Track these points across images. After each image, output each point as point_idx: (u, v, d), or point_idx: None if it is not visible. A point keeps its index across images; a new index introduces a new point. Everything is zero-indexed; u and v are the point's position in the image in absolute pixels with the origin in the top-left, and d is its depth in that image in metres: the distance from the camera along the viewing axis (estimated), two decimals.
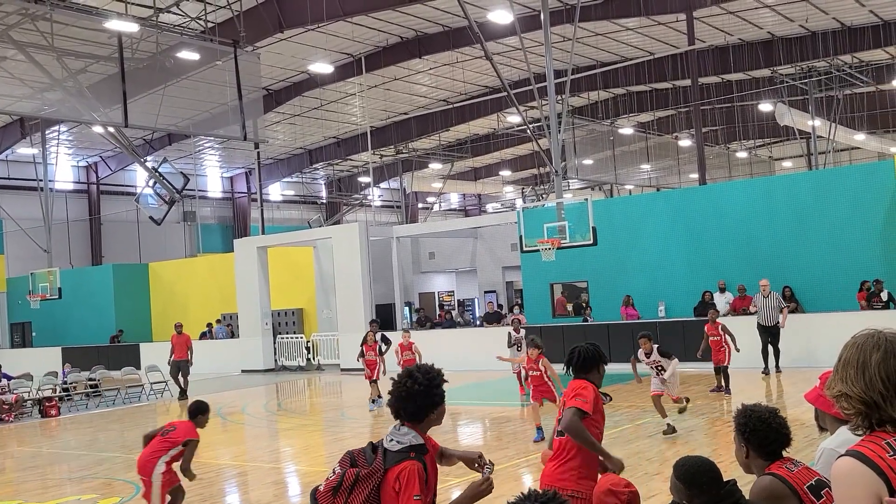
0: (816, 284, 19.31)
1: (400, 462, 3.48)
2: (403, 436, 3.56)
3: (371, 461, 3.49)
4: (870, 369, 2.28)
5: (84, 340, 31.68)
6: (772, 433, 3.39)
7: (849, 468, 2.21)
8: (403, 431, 3.58)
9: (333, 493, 3.43)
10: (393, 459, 3.49)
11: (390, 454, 3.51)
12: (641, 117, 39.14)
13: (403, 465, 3.47)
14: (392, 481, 3.45)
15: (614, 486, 3.55)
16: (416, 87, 34.67)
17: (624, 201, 26.42)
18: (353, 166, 46.47)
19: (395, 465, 3.48)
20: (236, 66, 20.37)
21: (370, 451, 3.54)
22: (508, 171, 49.38)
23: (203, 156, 41.87)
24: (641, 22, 28.02)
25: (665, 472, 7.48)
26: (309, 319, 29.77)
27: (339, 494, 3.43)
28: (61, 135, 34.49)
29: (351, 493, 3.43)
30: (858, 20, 28.39)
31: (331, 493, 3.44)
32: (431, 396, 3.61)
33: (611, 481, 3.57)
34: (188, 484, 8.01)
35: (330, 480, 3.47)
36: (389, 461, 3.49)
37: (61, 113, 24.48)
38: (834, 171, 25.85)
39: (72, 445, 15.13)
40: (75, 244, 38.31)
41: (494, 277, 32.29)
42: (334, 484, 3.44)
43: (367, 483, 3.44)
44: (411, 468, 3.47)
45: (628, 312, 21.25)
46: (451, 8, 25.00)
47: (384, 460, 3.50)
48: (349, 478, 3.44)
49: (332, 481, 3.46)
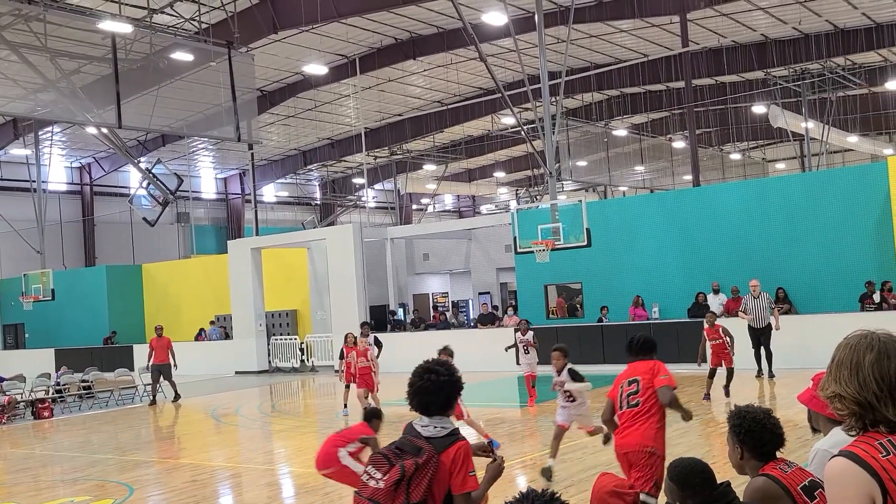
0: (810, 286, 19.37)
1: (452, 444, 3.61)
2: (442, 421, 3.68)
3: (420, 451, 3.55)
4: (864, 370, 2.29)
5: (77, 342, 31.59)
6: (766, 434, 3.40)
7: (842, 469, 2.21)
8: (438, 419, 3.68)
9: (395, 486, 3.49)
10: (442, 444, 3.60)
11: (438, 440, 3.61)
12: (635, 119, 39.18)
13: (458, 446, 3.60)
14: (448, 464, 3.56)
15: (618, 487, 3.58)
16: (410, 88, 34.66)
17: (618, 203, 26.46)
18: (347, 167, 46.44)
19: (447, 448, 3.59)
20: (230, 67, 20.35)
21: (410, 445, 3.59)
22: (503, 172, 49.41)
23: (197, 157, 41.79)
24: (635, 24, 28.07)
25: None
26: (303, 321, 29.74)
27: (401, 487, 3.49)
28: (54, 136, 34.38)
29: (410, 483, 3.49)
30: (851, 22, 28.48)
31: (392, 487, 3.48)
32: (456, 384, 3.75)
33: (615, 483, 3.59)
34: (183, 486, 7.99)
35: (388, 477, 3.49)
36: (440, 446, 3.59)
37: (55, 114, 24.38)
38: (827, 172, 25.95)
39: (65, 447, 15.08)
40: (68, 245, 38.19)
41: (489, 279, 32.32)
42: (396, 477, 3.48)
43: (427, 470, 3.52)
44: (466, 448, 3.63)
45: (637, 313, 21.18)
46: (446, 9, 25.01)
47: (434, 447, 3.59)
48: (409, 468, 3.49)
49: (390, 477, 3.48)
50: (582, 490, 8.35)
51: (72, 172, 40.44)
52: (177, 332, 30.88)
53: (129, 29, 19.68)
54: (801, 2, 25.98)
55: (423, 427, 3.67)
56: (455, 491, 3.57)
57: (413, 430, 3.69)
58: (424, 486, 3.50)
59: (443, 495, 3.57)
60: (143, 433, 16.71)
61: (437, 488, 3.55)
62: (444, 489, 3.57)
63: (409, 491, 3.48)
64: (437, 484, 3.55)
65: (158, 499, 10.26)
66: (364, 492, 3.54)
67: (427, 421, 3.68)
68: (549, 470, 9.23)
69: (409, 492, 3.47)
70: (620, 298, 21.69)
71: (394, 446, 3.65)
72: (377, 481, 3.51)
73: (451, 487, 3.57)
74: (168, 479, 11.18)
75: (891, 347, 2.31)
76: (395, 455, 3.57)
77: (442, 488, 3.57)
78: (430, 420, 3.68)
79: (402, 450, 3.59)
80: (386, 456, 3.59)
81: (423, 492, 3.49)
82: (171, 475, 11.49)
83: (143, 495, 10.28)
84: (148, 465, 12.54)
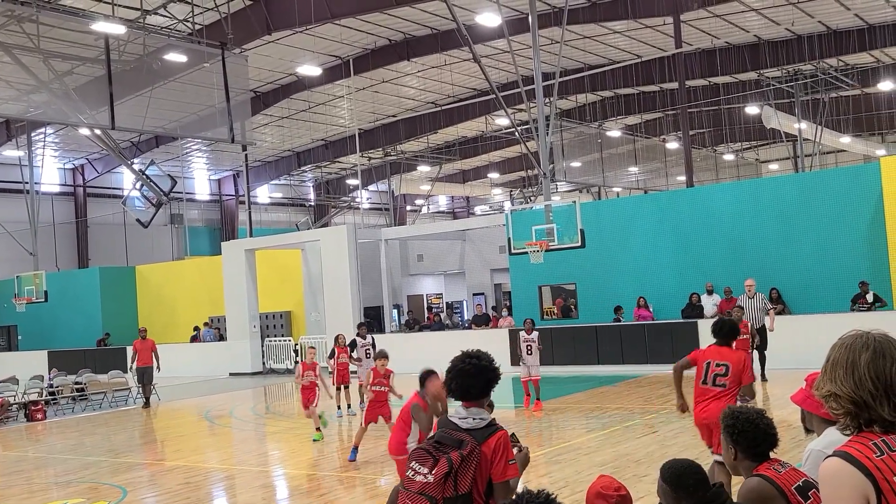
0: (803, 286, 19.42)
1: (493, 434, 3.74)
2: (481, 413, 3.80)
3: (462, 443, 3.66)
4: (859, 369, 2.30)
5: (70, 344, 31.49)
6: (760, 434, 3.40)
7: (836, 469, 2.22)
8: (476, 411, 3.80)
9: (445, 478, 3.59)
10: (483, 435, 3.73)
11: (478, 431, 3.73)
12: (629, 120, 39.25)
13: (498, 436, 3.74)
14: (489, 454, 3.69)
15: (605, 488, 3.56)
16: (404, 89, 34.66)
17: (612, 204, 26.49)
18: (341, 168, 46.40)
19: (487, 439, 3.72)
20: (224, 68, 20.31)
21: (450, 438, 3.71)
22: (497, 173, 49.43)
23: (190, 158, 41.71)
24: (629, 25, 28.12)
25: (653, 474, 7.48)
26: (297, 322, 29.70)
27: (449, 479, 3.60)
28: (47, 137, 34.29)
29: (457, 475, 3.61)
30: (844, 24, 28.58)
31: (442, 480, 3.59)
32: (495, 371, 3.90)
33: (601, 484, 3.57)
34: (177, 488, 7.97)
35: (436, 471, 3.60)
36: (480, 437, 3.71)
37: (47, 115, 24.32)
38: (820, 173, 26.03)
39: (58, 449, 15.03)
40: (61, 247, 38.09)
41: (483, 280, 32.31)
42: (445, 470, 3.59)
43: (471, 461, 3.64)
44: (505, 437, 3.77)
45: (641, 314, 21.11)
46: (440, 10, 25.02)
47: (475, 438, 3.70)
48: (456, 460, 3.61)
49: (439, 470, 3.59)
50: (576, 491, 8.36)
51: (65, 174, 40.32)
52: (171, 333, 30.86)
53: (123, 30, 19.63)
54: (794, 3, 26.07)
55: (461, 419, 3.78)
56: (496, 479, 3.70)
57: (451, 423, 3.80)
58: (470, 477, 3.63)
59: (485, 484, 3.71)
60: (136, 435, 16.68)
61: (480, 478, 3.68)
62: (486, 478, 3.71)
63: (456, 482, 3.60)
64: (479, 473, 3.68)
65: (152, 501, 10.24)
66: (412, 486, 3.63)
67: (465, 413, 3.80)
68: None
69: (457, 483, 3.60)
70: (615, 299, 21.70)
71: (433, 440, 3.76)
72: (425, 476, 3.62)
73: (491, 475, 3.70)
74: (162, 482, 11.15)
75: (886, 347, 2.32)
76: (436, 449, 3.67)
77: (484, 477, 3.70)
78: (467, 412, 3.79)
79: (442, 443, 3.70)
80: (427, 451, 3.69)
81: (469, 482, 3.62)
82: (164, 477, 11.46)
83: (137, 497, 10.25)
84: (141, 468, 12.51)
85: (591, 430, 12.90)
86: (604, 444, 11.57)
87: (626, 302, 21.51)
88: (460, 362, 3.89)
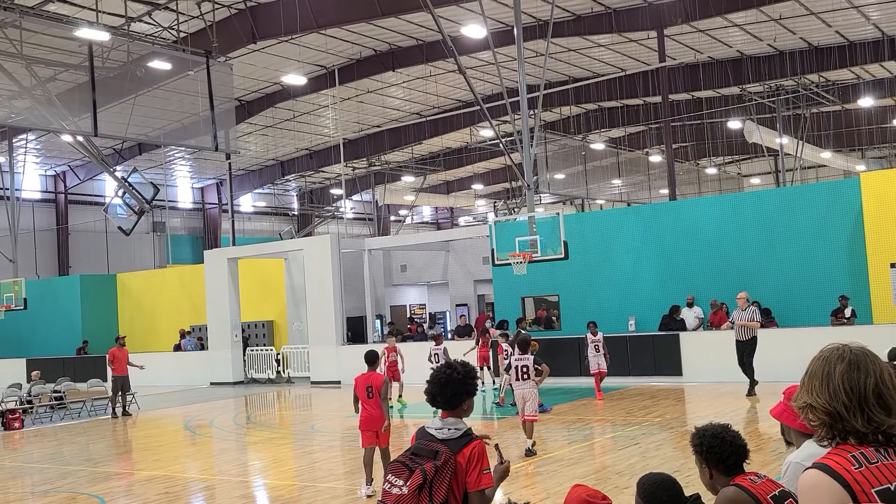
0: (784, 299, 19.55)
1: (468, 444, 3.75)
2: (457, 424, 3.82)
3: (437, 454, 3.68)
4: (834, 380, 2.33)
5: (50, 352, 31.21)
6: (727, 447, 3.41)
7: (815, 480, 2.23)
8: (452, 421, 3.82)
9: (419, 490, 3.60)
10: (457, 445, 3.74)
11: (453, 441, 3.75)
12: (613, 133, 39.46)
13: (472, 445, 3.75)
14: (464, 463, 3.70)
15: (591, 497, 3.57)
16: (389, 99, 34.71)
17: (595, 216, 26.59)
18: (325, 178, 46.36)
19: (462, 448, 3.73)
20: (208, 77, 20.28)
21: (426, 449, 3.72)
22: (481, 184, 49.53)
23: (174, 166, 41.54)
24: (613, 39, 28.31)
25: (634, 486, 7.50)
26: (279, 332, 29.58)
27: (424, 490, 3.60)
28: (29, 143, 34.00)
29: (432, 486, 3.62)
30: (825, 41, 28.91)
31: (416, 491, 3.59)
32: (466, 385, 3.89)
33: (587, 493, 3.58)
34: (156, 498, 7.89)
35: (410, 483, 3.60)
36: (454, 447, 3.73)
37: (29, 121, 24.18)
38: (801, 188, 26.22)
39: (35, 458, 14.87)
40: (42, 254, 37.78)
41: (466, 290, 32.33)
42: (419, 482, 3.59)
43: (446, 471, 3.65)
44: (480, 447, 3.77)
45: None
46: (425, 22, 25.10)
47: (450, 448, 3.72)
48: (430, 471, 3.61)
49: (413, 482, 3.59)
50: (557, 502, 8.35)
51: (46, 180, 40.04)
52: (152, 342, 30.64)
53: (107, 37, 19.57)
54: (776, 19, 26.34)
55: (437, 430, 3.80)
56: (470, 488, 3.70)
57: (427, 434, 3.82)
58: (445, 487, 3.63)
59: (462, 494, 3.71)
60: (115, 445, 16.52)
61: (457, 488, 3.69)
62: (463, 488, 3.71)
63: (431, 493, 3.60)
64: (456, 484, 3.68)
65: None
66: (388, 499, 3.63)
67: (440, 424, 3.82)
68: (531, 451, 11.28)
69: (432, 494, 3.60)
70: (597, 311, 21.73)
71: (409, 452, 3.76)
72: (400, 488, 3.62)
73: (465, 485, 3.69)
74: (140, 491, 11.05)
75: (861, 360, 2.35)
76: (412, 461, 3.68)
77: (461, 487, 3.70)
78: (443, 423, 3.81)
79: (418, 455, 3.70)
80: (404, 463, 3.69)
81: (445, 492, 3.62)
82: (143, 487, 11.35)
83: None
84: (120, 477, 12.39)
85: (573, 441, 12.91)
86: (585, 455, 11.58)
87: (609, 314, 21.52)
88: (438, 371, 3.96)
